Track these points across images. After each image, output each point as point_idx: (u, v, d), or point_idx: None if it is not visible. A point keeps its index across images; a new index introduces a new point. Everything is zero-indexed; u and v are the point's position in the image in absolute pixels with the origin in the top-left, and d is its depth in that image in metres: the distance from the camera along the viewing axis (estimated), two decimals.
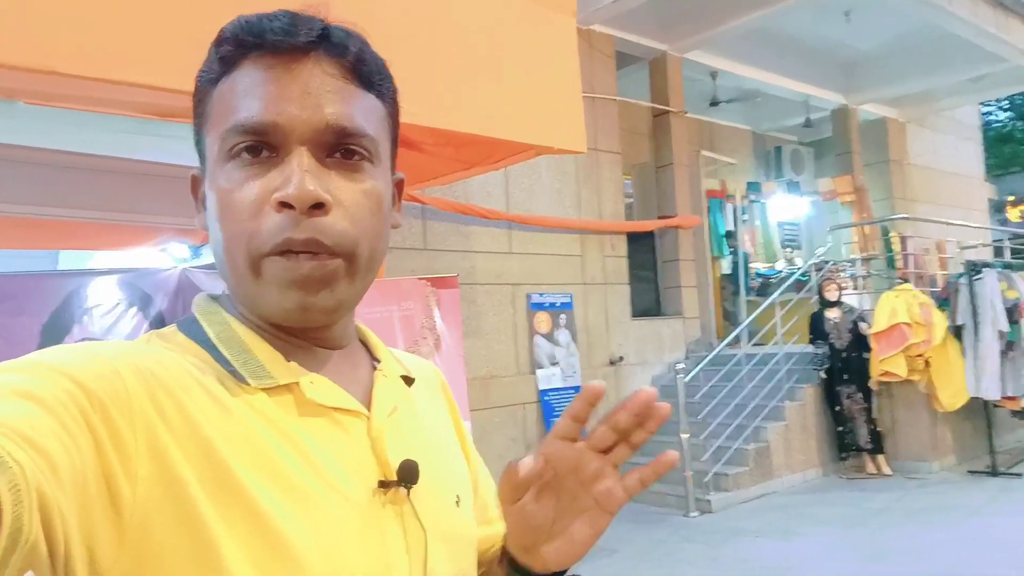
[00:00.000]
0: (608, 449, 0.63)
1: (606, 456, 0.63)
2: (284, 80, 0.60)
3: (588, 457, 0.63)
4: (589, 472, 0.63)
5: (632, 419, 0.61)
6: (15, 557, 0.42)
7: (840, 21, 8.54)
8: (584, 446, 0.63)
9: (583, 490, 0.64)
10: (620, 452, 0.63)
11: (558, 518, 0.64)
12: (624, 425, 0.61)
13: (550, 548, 0.65)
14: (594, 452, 0.63)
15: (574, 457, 0.63)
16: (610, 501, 0.64)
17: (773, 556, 4.83)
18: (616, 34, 8.01)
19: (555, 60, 3.25)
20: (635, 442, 0.62)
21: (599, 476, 0.63)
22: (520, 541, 0.65)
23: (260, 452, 0.57)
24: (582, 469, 0.63)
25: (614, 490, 0.63)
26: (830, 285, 7.18)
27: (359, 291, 0.65)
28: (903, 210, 10.72)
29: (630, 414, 0.60)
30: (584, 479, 0.63)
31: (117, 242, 4.00)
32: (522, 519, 0.63)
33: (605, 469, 0.63)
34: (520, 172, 7.01)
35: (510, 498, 0.62)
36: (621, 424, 0.61)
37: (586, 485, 0.63)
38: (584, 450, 0.63)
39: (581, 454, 0.63)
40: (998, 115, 22.65)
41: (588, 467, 0.63)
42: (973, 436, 7.27)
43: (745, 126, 11.67)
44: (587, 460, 0.63)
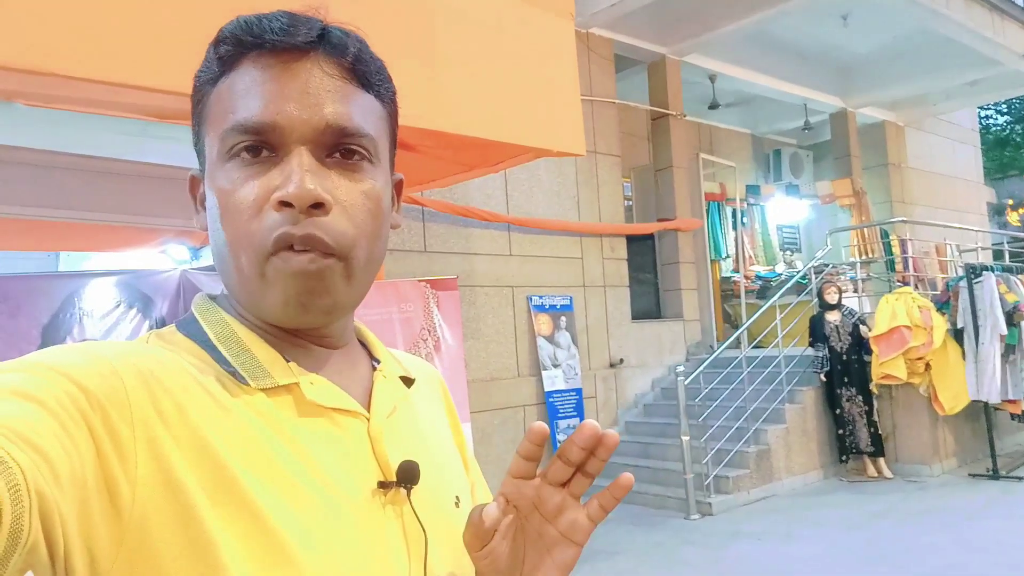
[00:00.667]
0: (567, 482, 0.63)
1: (565, 489, 0.63)
2: (283, 80, 0.60)
3: (547, 492, 0.62)
4: (551, 506, 0.62)
5: (581, 452, 0.60)
6: (15, 558, 0.42)
7: (837, 25, 8.56)
8: (541, 482, 0.62)
9: (548, 525, 0.63)
10: (578, 483, 0.62)
11: (527, 556, 0.64)
12: (575, 458, 0.61)
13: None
14: (553, 487, 0.62)
15: (534, 494, 0.62)
16: (575, 532, 0.63)
17: (774, 559, 4.82)
18: (615, 37, 8.03)
19: (554, 63, 3.25)
20: (591, 471, 0.61)
21: (562, 509, 0.62)
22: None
23: (259, 453, 0.57)
24: (544, 504, 0.63)
25: (578, 520, 0.63)
26: (830, 288, 7.18)
27: (358, 292, 0.65)
28: (902, 213, 10.74)
29: (578, 447, 0.60)
30: (547, 514, 0.63)
31: (117, 243, 4.00)
32: (492, 563, 0.62)
33: (566, 501, 0.62)
34: (520, 175, 7.01)
35: (476, 545, 0.62)
36: (572, 457, 0.61)
37: (550, 519, 0.63)
38: (542, 486, 0.62)
39: (540, 490, 0.62)
40: (996, 119, 22.68)
41: (549, 502, 0.62)
42: (974, 439, 7.27)
43: (744, 129, 11.68)
44: (547, 495, 0.62)
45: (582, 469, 0.62)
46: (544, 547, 0.63)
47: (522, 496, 0.62)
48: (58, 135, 2.95)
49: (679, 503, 6.06)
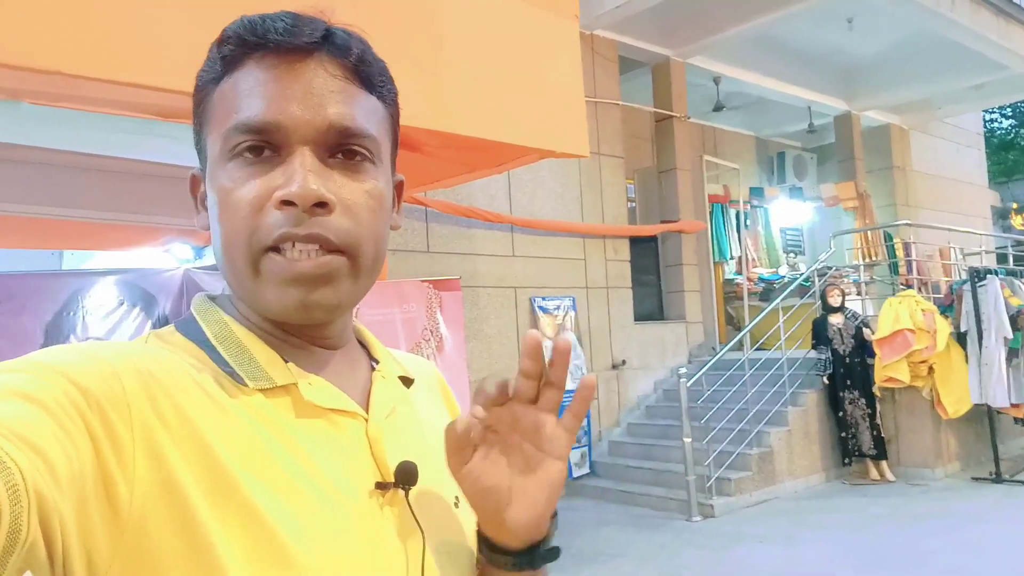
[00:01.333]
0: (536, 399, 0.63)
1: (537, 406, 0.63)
2: (287, 80, 0.60)
3: (521, 410, 0.63)
4: (528, 424, 0.63)
5: (532, 363, 0.61)
6: (13, 558, 0.42)
7: (843, 28, 8.55)
8: (513, 402, 0.63)
9: (527, 444, 0.64)
10: (548, 396, 0.63)
11: (514, 479, 0.64)
12: (531, 370, 0.62)
13: (515, 511, 0.63)
14: (525, 405, 0.63)
15: (508, 414, 0.63)
16: (555, 445, 0.64)
17: (776, 561, 4.81)
18: (619, 39, 8.03)
19: (558, 65, 3.25)
20: (555, 381, 0.62)
21: (538, 425, 0.63)
22: (484, 512, 0.64)
23: (257, 454, 0.57)
24: (520, 423, 0.63)
25: (555, 433, 0.63)
26: (833, 291, 7.17)
27: (361, 291, 0.65)
28: (906, 216, 10.71)
29: (529, 359, 0.61)
30: (525, 432, 0.63)
31: (121, 242, 4.01)
32: (475, 482, 0.62)
33: (540, 417, 0.63)
34: (523, 176, 7.01)
35: (457, 460, 0.62)
36: (529, 370, 0.62)
37: (529, 438, 0.63)
38: (515, 405, 0.63)
39: (513, 410, 0.63)
40: (1001, 122, 22.64)
41: (524, 419, 0.63)
42: (977, 443, 7.25)
43: (748, 131, 11.67)
44: (521, 413, 0.63)
45: (547, 382, 0.62)
46: (528, 467, 0.64)
47: (498, 419, 0.63)
48: (62, 134, 2.95)
49: (681, 505, 6.05)
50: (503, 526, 0.64)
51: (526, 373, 0.62)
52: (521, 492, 0.64)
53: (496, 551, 0.66)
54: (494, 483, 0.63)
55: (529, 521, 0.64)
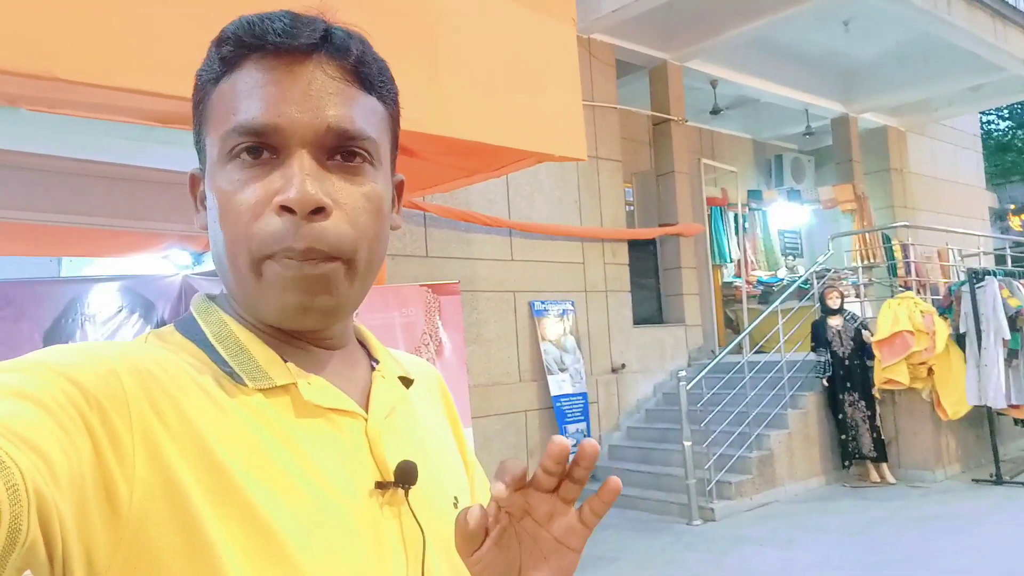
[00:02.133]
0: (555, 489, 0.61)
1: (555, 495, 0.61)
2: (285, 82, 0.60)
3: (537, 499, 0.60)
4: (543, 513, 0.61)
5: (557, 467, 0.58)
6: (13, 557, 0.42)
7: (839, 30, 8.57)
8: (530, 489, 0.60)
9: (541, 530, 0.61)
10: (567, 489, 0.60)
11: (524, 563, 0.61)
12: (552, 470, 0.58)
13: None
14: (542, 494, 0.60)
15: (523, 502, 0.61)
16: (570, 537, 0.61)
17: (776, 565, 4.81)
18: (616, 43, 8.04)
19: (556, 68, 3.26)
20: (576, 479, 0.59)
21: (554, 514, 0.61)
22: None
23: (257, 453, 0.57)
24: (534, 510, 0.61)
25: (572, 526, 0.61)
26: (832, 293, 7.18)
27: (358, 293, 0.65)
28: (904, 218, 10.73)
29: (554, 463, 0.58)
30: (540, 520, 0.61)
31: (120, 248, 4.00)
32: (484, 568, 0.60)
33: (557, 507, 0.61)
34: (521, 180, 7.02)
35: (466, 550, 0.60)
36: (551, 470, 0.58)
37: (544, 526, 0.61)
38: (531, 493, 0.60)
39: (530, 496, 0.61)
40: (998, 124, 22.68)
41: (540, 508, 0.61)
42: (977, 444, 7.25)
43: (745, 134, 11.69)
44: (536, 501, 0.60)
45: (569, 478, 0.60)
46: (540, 554, 0.62)
47: (513, 503, 0.61)
48: (61, 140, 2.96)
49: (681, 508, 6.04)
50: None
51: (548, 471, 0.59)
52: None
53: None
54: (503, 571, 0.61)
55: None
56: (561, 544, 0.61)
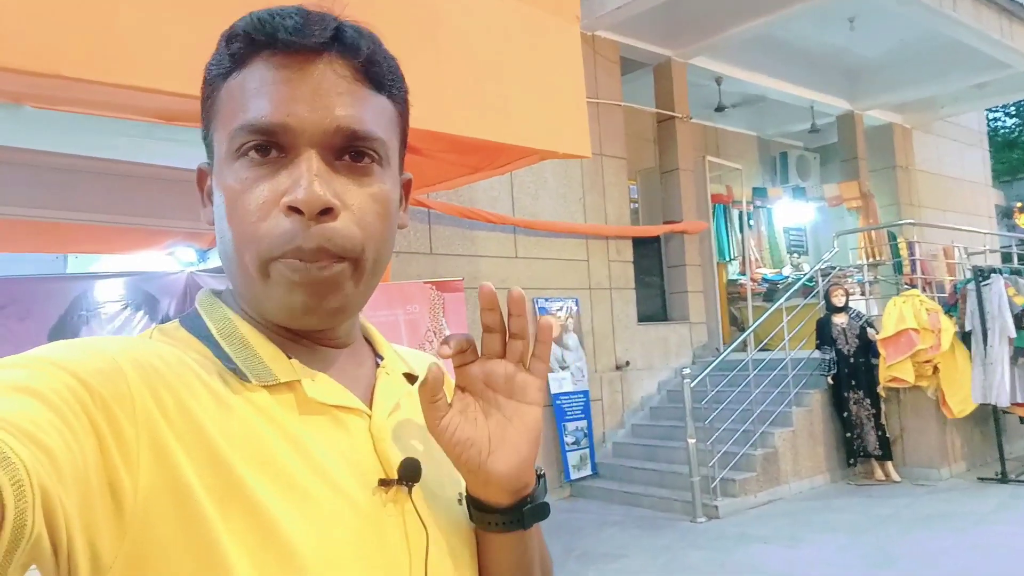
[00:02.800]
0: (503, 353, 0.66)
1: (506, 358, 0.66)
2: (295, 81, 0.60)
3: (490, 365, 0.66)
4: (499, 378, 0.66)
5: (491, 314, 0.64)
6: (19, 552, 0.42)
7: (844, 27, 8.54)
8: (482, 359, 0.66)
9: (501, 398, 0.66)
10: (514, 347, 0.66)
11: (493, 434, 0.65)
12: (491, 322, 0.65)
13: (496, 460, 0.64)
14: (493, 359, 0.66)
15: (479, 372, 0.66)
16: (527, 392, 0.66)
17: (780, 562, 4.80)
18: (621, 40, 8.03)
19: (560, 66, 3.25)
20: (516, 331, 0.65)
21: (508, 376, 0.66)
22: (467, 468, 0.65)
23: (261, 450, 0.57)
24: (491, 377, 0.66)
25: (525, 380, 0.66)
26: (837, 291, 7.16)
27: (365, 293, 0.65)
28: (909, 216, 10.69)
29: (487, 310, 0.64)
30: (498, 387, 0.66)
31: (125, 245, 4.01)
32: (452, 435, 0.64)
33: (509, 368, 0.66)
34: (525, 177, 7.02)
35: (433, 415, 0.64)
36: (489, 322, 0.65)
37: (502, 389, 0.66)
38: (484, 362, 0.66)
39: (484, 365, 0.66)
40: (1005, 121, 22.58)
41: (495, 373, 0.66)
42: (983, 443, 7.22)
43: (750, 132, 11.66)
44: (491, 367, 0.66)
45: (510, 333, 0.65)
46: (505, 418, 0.65)
47: (471, 378, 0.66)
48: (66, 137, 2.96)
49: (685, 506, 6.04)
50: (488, 481, 0.65)
51: (488, 327, 0.65)
52: (500, 440, 0.65)
53: (484, 510, 0.67)
54: (471, 434, 0.64)
55: (511, 469, 0.65)
56: (520, 402, 0.66)
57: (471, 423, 0.65)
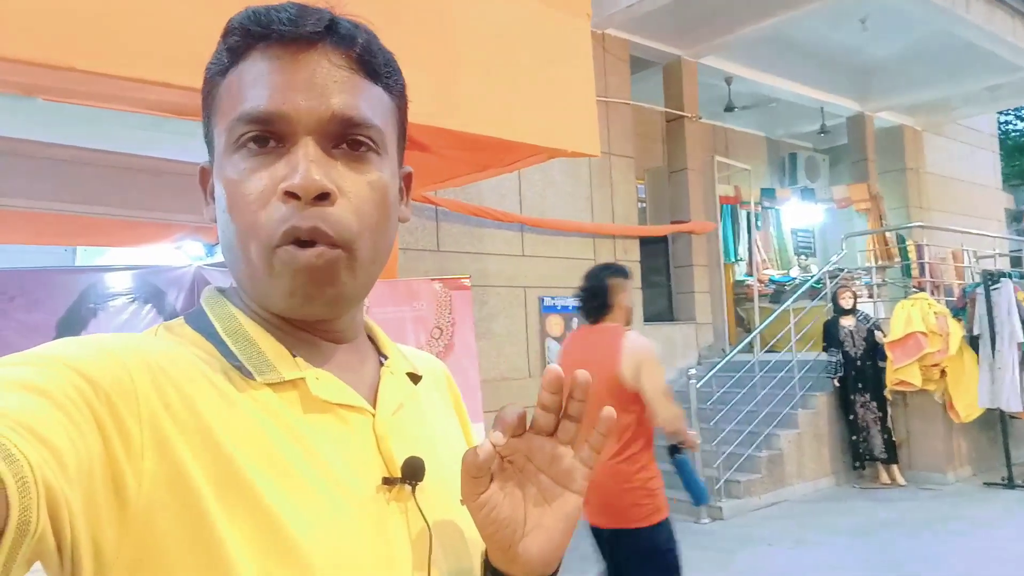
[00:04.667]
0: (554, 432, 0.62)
1: (554, 438, 0.62)
2: (291, 70, 0.60)
3: (538, 442, 0.62)
4: (545, 456, 0.62)
5: (551, 396, 0.60)
6: (23, 548, 0.42)
7: (856, 28, 8.49)
8: (530, 433, 0.62)
9: (543, 476, 0.62)
10: (565, 429, 0.61)
11: (529, 511, 0.62)
12: (549, 403, 0.60)
13: (529, 544, 0.62)
14: (543, 437, 0.62)
15: (525, 446, 0.62)
16: (572, 479, 0.62)
17: (785, 564, 4.79)
18: (631, 38, 8.01)
19: (569, 63, 3.24)
20: (572, 414, 0.61)
21: (555, 457, 0.62)
22: (497, 544, 0.63)
23: (265, 447, 0.57)
24: (536, 453, 0.62)
25: (572, 467, 0.62)
26: (845, 293, 7.13)
27: (363, 284, 0.65)
28: (919, 219, 10.64)
29: (548, 392, 0.60)
30: (542, 464, 0.62)
31: (134, 238, 4.03)
32: (489, 512, 0.61)
33: (558, 449, 0.62)
34: (533, 175, 7.01)
35: (473, 490, 0.60)
36: (546, 403, 0.60)
37: (546, 470, 0.62)
38: (532, 436, 0.62)
39: (530, 441, 0.62)
40: (1016, 124, 22.44)
41: (542, 451, 0.62)
42: (989, 447, 7.19)
43: (760, 132, 11.62)
44: (538, 445, 0.62)
45: (566, 414, 0.61)
46: (544, 499, 0.63)
47: (515, 450, 0.62)
48: (76, 130, 2.97)
49: (689, 507, 6.02)
50: (516, 559, 0.63)
51: (545, 406, 0.60)
52: (536, 524, 0.62)
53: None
54: (509, 515, 0.61)
55: (543, 554, 0.62)
56: (563, 487, 0.62)
57: (508, 501, 0.62)
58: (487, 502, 0.61)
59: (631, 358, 2.86)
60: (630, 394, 2.88)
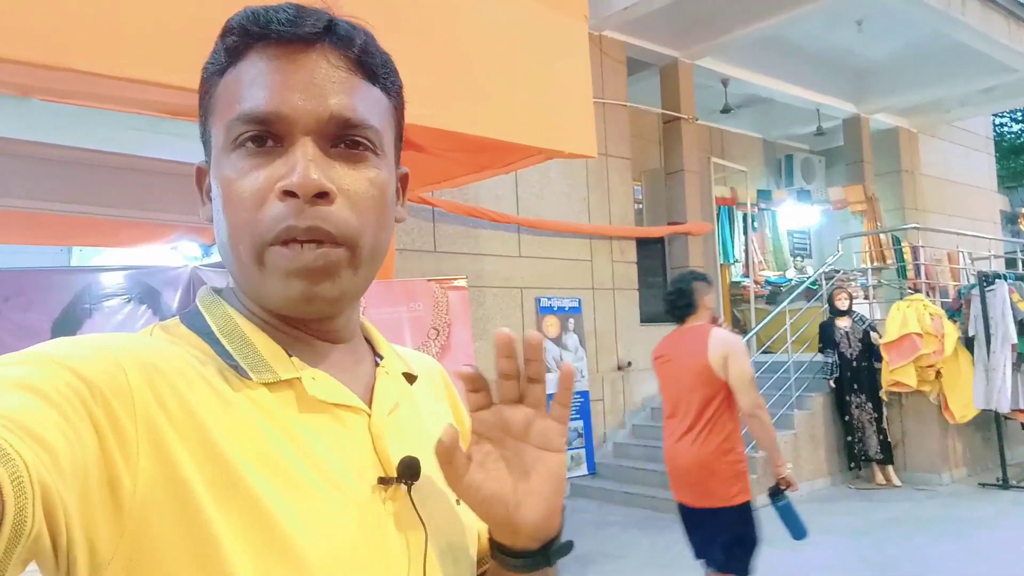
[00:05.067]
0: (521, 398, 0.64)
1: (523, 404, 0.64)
2: (289, 70, 0.60)
3: (508, 412, 0.64)
4: (518, 424, 0.64)
5: (507, 361, 0.63)
6: (19, 549, 0.42)
7: (852, 30, 8.52)
8: (499, 406, 0.64)
9: (522, 444, 0.64)
10: (531, 392, 0.64)
11: (517, 482, 0.64)
12: (508, 369, 0.63)
13: (525, 512, 0.64)
14: (511, 405, 0.64)
15: (496, 419, 0.64)
16: (549, 438, 0.64)
17: (781, 565, 4.80)
18: (628, 40, 8.02)
19: (567, 65, 3.25)
20: (532, 375, 0.64)
21: (528, 423, 0.64)
22: (494, 520, 0.64)
23: (260, 447, 0.57)
24: (509, 424, 0.64)
25: (546, 426, 0.64)
26: (840, 294, 7.15)
27: (362, 282, 0.65)
28: (914, 220, 10.67)
29: (502, 357, 0.63)
30: (518, 434, 0.64)
31: (130, 239, 4.02)
32: (477, 492, 0.63)
33: (529, 414, 0.64)
34: (530, 176, 7.01)
35: (452, 473, 0.62)
36: (505, 369, 0.63)
37: (522, 437, 0.64)
38: (501, 408, 0.64)
39: (500, 413, 0.64)
40: (1011, 126, 22.50)
41: (514, 420, 0.64)
42: (984, 448, 7.21)
43: (756, 134, 11.64)
44: (509, 415, 0.64)
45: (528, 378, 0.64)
46: (527, 466, 0.64)
47: (488, 426, 0.64)
48: (72, 130, 2.97)
49: None
50: (517, 531, 0.64)
51: (504, 373, 0.63)
52: (526, 493, 0.64)
53: (510, 555, 0.66)
54: (496, 489, 0.63)
55: (540, 519, 0.64)
56: (543, 448, 0.64)
57: (494, 477, 0.63)
58: (471, 483, 0.63)
59: (719, 349, 3.26)
60: (719, 383, 3.27)
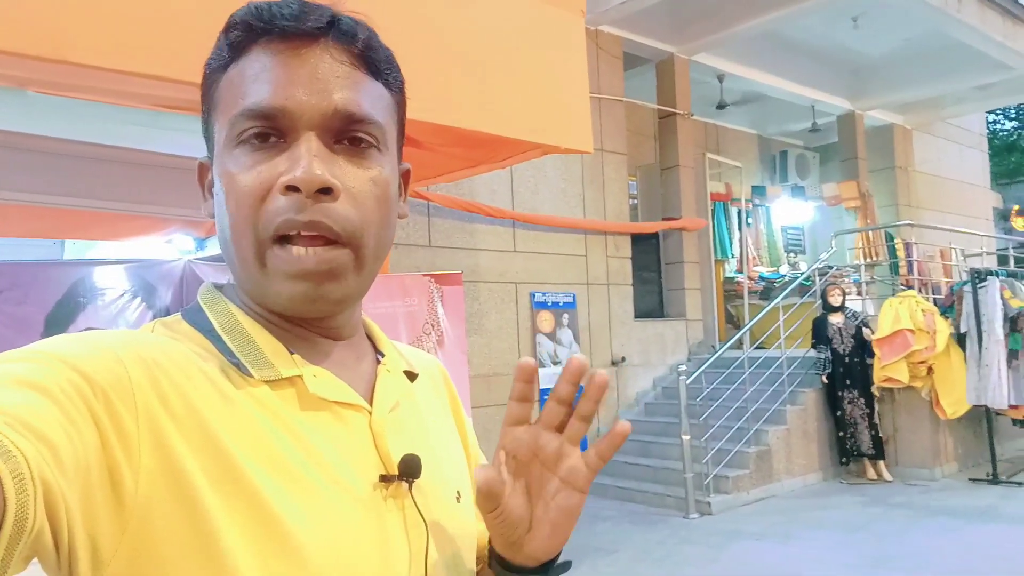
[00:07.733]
0: (562, 427, 0.63)
1: (562, 435, 0.63)
2: (293, 65, 0.60)
3: (545, 438, 0.63)
4: (550, 453, 0.63)
5: (570, 387, 0.61)
6: (20, 545, 0.42)
7: (848, 26, 8.53)
8: (538, 427, 0.63)
9: (549, 472, 0.64)
10: (575, 428, 0.63)
11: (535, 508, 0.64)
12: (565, 394, 0.62)
13: (534, 539, 0.64)
14: (549, 432, 0.63)
15: (531, 441, 0.63)
16: (576, 478, 0.63)
17: (773, 559, 4.83)
18: (624, 35, 8.01)
19: (563, 60, 3.25)
20: (584, 414, 0.62)
21: (560, 455, 0.63)
22: (503, 539, 0.65)
23: (262, 444, 0.57)
24: (542, 451, 0.63)
25: (577, 467, 0.63)
26: (834, 290, 7.17)
27: (366, 281, 0.65)
28: (908, 217, 10.70)
29: (567, 383, 0.61)
30: (547, 461, 0.63)
31: (125, 232, 4.00)
32: (503, 520, 0.63)
33: (564, 447, 0.63)
34: (526, 171, 7.01)
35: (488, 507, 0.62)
36: (563, 394, 0.62)
37: (550, 467, 0.63)
38: (539, 431, 0.63)
39: (537, 436, 0.63)
40: (1004, 124, 22.58)
41: (548, 448, 0.63)
42: (975, 444, 7.26)
43: (751, 130, 11.65)
44: (544, 441, 0.63)
45: (576, 413, 0.62)
46: (548, 495, 0.64)
47: (521, 445, 0.63)
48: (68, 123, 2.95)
49: (678, 502, 6.06)
50: (521, 552, 0.65)
51: (560, 398, 0.62)
52: (541, 520, 0.64)
53: (509, 569, 0.67)
54: (518, 515, 0.63)
55: (546, 547, 0.65)
56: (567, 484, 0.63)
57: (518, 503, 0.63)
58: (502, 512, 0.63)
59: None
60: None
